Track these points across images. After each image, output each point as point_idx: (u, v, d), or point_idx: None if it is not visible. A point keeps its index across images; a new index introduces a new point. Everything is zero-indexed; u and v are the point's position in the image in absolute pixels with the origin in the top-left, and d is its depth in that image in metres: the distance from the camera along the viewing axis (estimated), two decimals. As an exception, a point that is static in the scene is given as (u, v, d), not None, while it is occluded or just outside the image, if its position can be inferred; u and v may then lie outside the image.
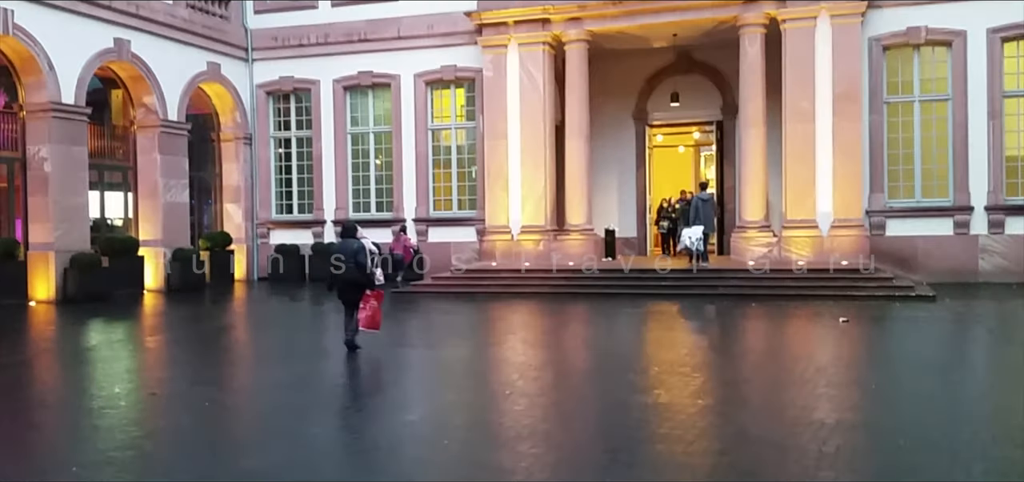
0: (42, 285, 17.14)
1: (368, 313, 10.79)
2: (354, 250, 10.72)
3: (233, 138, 22.68)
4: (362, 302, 10.76)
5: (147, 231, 19.83)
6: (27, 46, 16.67)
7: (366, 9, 21.96)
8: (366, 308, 10.78)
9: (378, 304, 10.92)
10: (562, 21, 19.84)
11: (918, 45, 18.64)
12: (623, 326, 13.91)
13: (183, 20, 20.55)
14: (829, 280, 16.77)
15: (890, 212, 18.79)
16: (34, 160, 17.21)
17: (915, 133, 18.80)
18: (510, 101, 20.32)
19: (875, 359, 10.99)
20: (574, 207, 20.14)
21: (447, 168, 21.96)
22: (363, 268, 10.67)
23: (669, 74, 22.23)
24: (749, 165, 19.01)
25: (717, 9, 18.87)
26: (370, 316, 10.81)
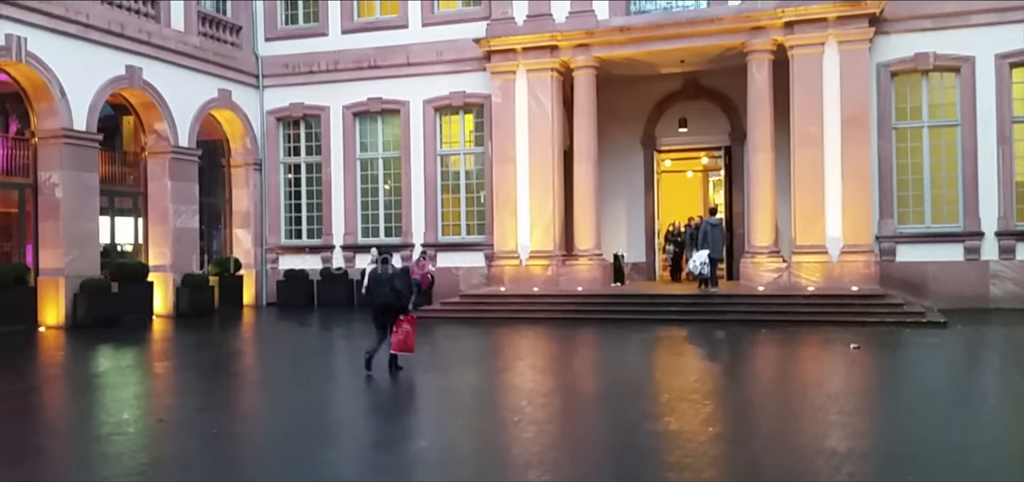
0: (52, 310, 17.19)
1: (401, 336, 11.06)
2: (390, 275, 11.15)
3: (243, 164, 22.80)
4: (396, 325, 11.05)
5: (157, 256, 19.90)
6: (40, 73, 16.83)
7: (376, 36, 22.14)
8: (399, 331, 11.05)
9: (411, 328, 11.18)
10: (570, 48, 19.94)
11: (926, 71, 18.64)
12: (632, 352, 13.85)
13: (195, 47, 20.73)
14: (839, 306, 16.69)
15: (900, 237, 18.72)
16: (45, 186, 17.32)
17: (924, 158, 18.76)
18: (519, 127, 20.39)
19: (887, 386, 10.91)
20: (583, 232, 20.14)
21: (456, 193, 22.01)
22: (398, 293, 11.06)
23: (677, 100, 22.31)
24: (758, 190, 19.00)
25: (724, 36, 18.93)
26: (403, 339, 11.07)
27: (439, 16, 21.77)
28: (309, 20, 23.05)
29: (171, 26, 20.11)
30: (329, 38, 22.62)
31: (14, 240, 17.70)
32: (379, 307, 11.19)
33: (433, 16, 21.78)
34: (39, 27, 16.72)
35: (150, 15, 19.63)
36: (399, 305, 11.09)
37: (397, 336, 11.04)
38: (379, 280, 11.24)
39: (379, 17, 22.44)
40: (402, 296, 11.15)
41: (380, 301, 11.16)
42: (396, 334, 11.04)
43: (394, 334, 11.05)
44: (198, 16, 21.00)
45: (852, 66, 18.25)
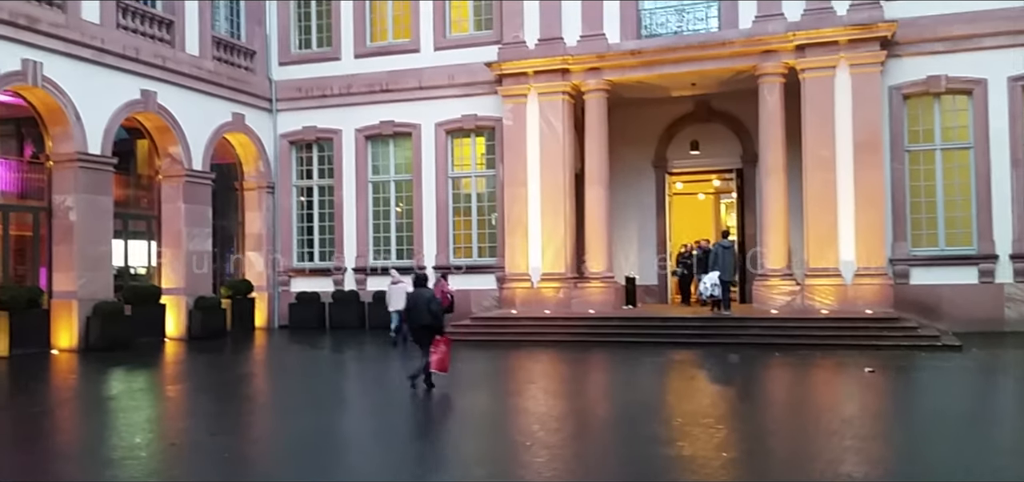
0: (65, 333, 17.26)
1: (438, 356, 11.64)
2: (427, 299, 11.72)
3: (256, 187, 22.92)
4: (433, 346, 11.62)
5: (170, 279, 19.99)
6: (55, 97, 16.99)
7: (388, 61, 22.29)
8: (436, 352, 11.64)
9: (447, 348, 11.75)
10: (581, 71, 20.00)
11: (938, 93, 18.60)
12: (645, 375, 13.78)
13: (209, 72, 20.91)
14: (853, 329, 16.59)
15: (913, 260, 18.61)
16: (60, 209, 17.44)
17: (937, 181, 18.68)
18: (530, 149, 20.44)
19: (902, 411, 10.81)
20: (594, 255, 20.11)
21: (467, 216, 22.04)
22: (436, 315, 11.65)
23: (688, 122, 22.33)
24: (770, 213, 18.95)
25: (735, 59, 18.96)
26: (440, 359, 11.65)
27: (451, 40, 21.90)
28: (322, 45, 23.23)
29: (186, 51, 20.30)
30: (342, 62, 22.79)
31: (28, 263, 17.81)
32: (417, 328, 11.78)
33: (445, 40, 21.91)
34: (55, 52, 16.90)
35: (165, 40, 19.82)
36: (436, 326, 11.67)
37: (434, 356, 11.62)
38: (417, 303, 11.78)
39: (391, 41, 22.59)
40: (439, 318, 11.72)
41: (418, 323, 11.74)
42: (433, 355, 11.62)
43: (432, 354, 11.64)
44: (213, 41, 21.19)
45: (864, 89, 18.22)
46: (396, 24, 22.66)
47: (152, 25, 19.50)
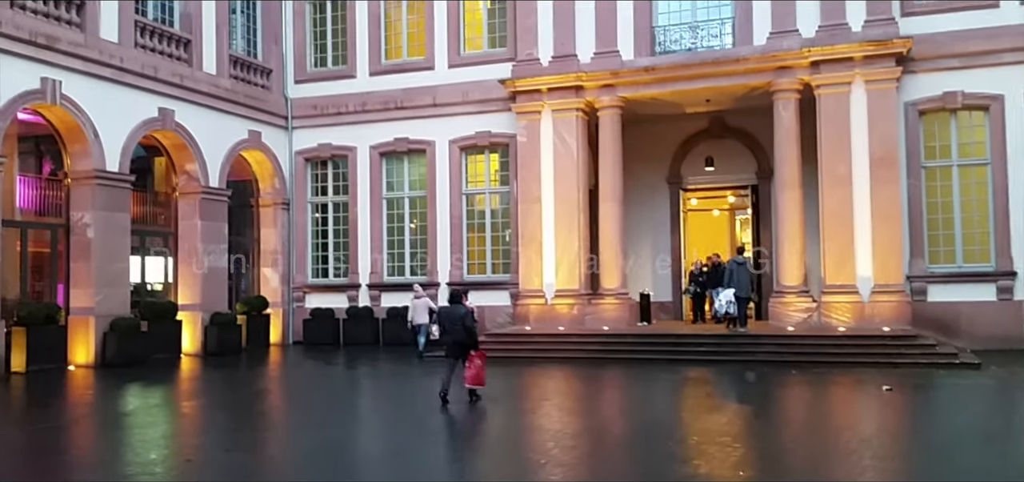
0: (82, 349, 17.37)
1: (473, 371, 12.00)
2: (461, 315, 12.09)
3: (272, 204, 23.04)
4: (467, 361, 12.01)
5: (186, 296, 20.10)
6: (73, 115, 17.16)
7: (403, 78, 22.41)
8: (471, 366, 12.00)
9: (482, 363, 12.10)
10: (595, 88, 20.03)
11: (955, 110, 18.50)
12: (660, 393, 13.72)
13: (226, 90, 21.08)
14: (871, 346, 16.46)
15: (931, 277, 18.47)
16: (77, 226, 17.58)
17: (954, 198, 18.55)
18: (544, 166, 20.47)
19: (921, 429, 10.71)
20: (608, 271, 20.07)
21: (481, 232, 22.07)
22: (470, 331, 12.03)
23: (703, 138, 22.31)
24: (786, 229, 18.86)
25: (750, 76, 18.94)
26: (475, 374, 12.01)
27: (465, 58, 21.99)
28: (338, 63, 23.39)
29: (203, 69, 20.48)
30: (357, 80, 22.93)
31: (46, 279, 17.96)
32: (453, 343, 12.11)
33: (459, 58, 22.01)
34: (74, 70, 17.08)
35: (183, 59, 20.01)
36: (471, 342, 12.01)
37: (470, 371, 11.99)
38: (452, 319, 12.16)
39: (406, 59, 22.72)
40: (473, 333, 12.07)
41: (453, 338, 12.10)
42: (469, 369, 11.99)
43: (467, 369, 12.00)
44: (230, 59, 21.37)
45: (880, 105, 18.15)
46: (411, 42, 22.80)
47: (170, 44, 19.69)
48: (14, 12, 15.98)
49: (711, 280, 20.34)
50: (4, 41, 15.70)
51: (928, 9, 18.55)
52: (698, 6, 19.95)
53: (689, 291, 21.37)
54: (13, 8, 16.00)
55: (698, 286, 20.91)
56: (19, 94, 16.05)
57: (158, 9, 19.82)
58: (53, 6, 16.86)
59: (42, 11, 16.62)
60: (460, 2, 22.15)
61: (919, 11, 18.58)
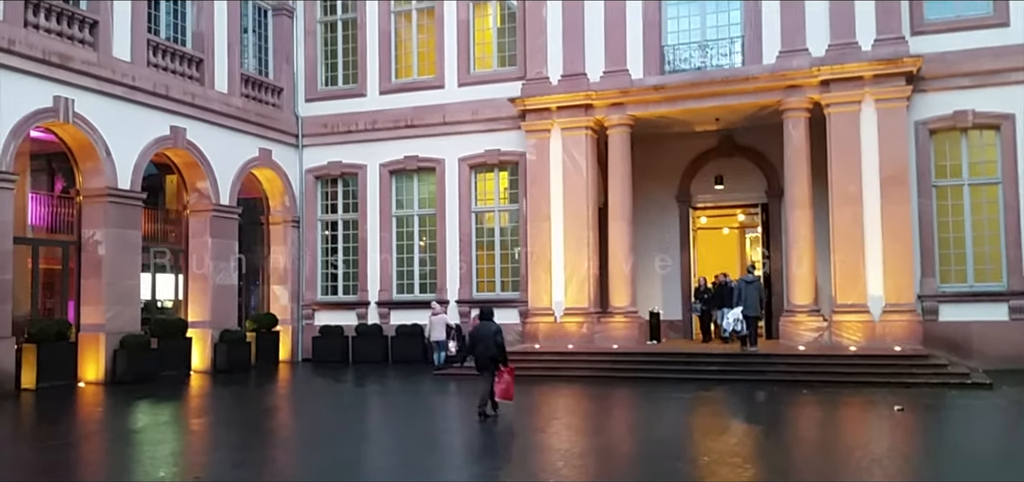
0: (92, 366, 17.42)
1: (503, 386, 12.30)
2: (492, 332, 12.45)
3: (282, 221, 23.12)
4: (497, 376, 12.31)
5: (196, 313, 20.16)
6: (86, 133, 17.28)
7: (413, 97, 22.50)
8: (501, 381, 12.30)
9: (511, 378, 12.39)
10: (605, 106, 20.07)
11: (965, 129, 18.45)
12: (670, 412, 13.65)
13: (237, 109, 21.21)
14: (882, 366, 16.37)
15: (942, 297, 18.36)
16: (89, 243, 17.67)
17: (965, 217, 18.47)
18: (553, 184, 20.49)
19: (932, 450, 10.63)
20: (618, 289, 20.04)
21: (490, 250, 22.08)
22: (501, 347, 12.38)
23: (712, 157, 22.31)
24: (796, 248, 18.80)
25: (759, 94, 18.94)
26: (505, 389, 12.30)
27: (475, 76, 22.09)
28: (348, 82, 23.52)
29: (215, 88, 20.62)
30: (367, 98, 23.04)
31: (57, 296, 18.05)
32: (484, 359, 12.41)
33: (469, 76, 22.11)
34: (86, 89, 17.21)
35: (195, 78, 20.15)
36: (501, 357, 12.33)
37: (500, 386, 12.29)
38: (483, 335, 12.49)
39: (416, 78, 22.82)
40: (503, 349, 12.41)
41: (484, 354, 12.41)
42: (499, 384, 12.30)
43: (497, 384, 12.30)
44: (241, 78, 21.52)
45: (890, 124, 18.12)
46: (421, 61, 22.92)
47: (182, 63, 19.84)
48: (28, 31, 16.14)
49: (716, 299, 20.25)
50: (18, 60, 15.85)
51: (938, 28, 18.53)
52: (707, 25, 19.98)
53: (696, 309, 21.28)
54: (27, 27, 16.16)
55: (703, 304, 20.78)
56: (32, 112, 16.19)
57: (170, 28, 19.98)
58: (66, 25, 17.02)
59: (56, 30, 16.78)
60: (470, 21, 22.27)
61: (929, 30, 18.56)
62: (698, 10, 20.06)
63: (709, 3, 19.99)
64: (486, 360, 12.43)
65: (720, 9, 19.92)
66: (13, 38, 15.74)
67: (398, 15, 23.29)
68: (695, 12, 20.09)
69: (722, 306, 19.89)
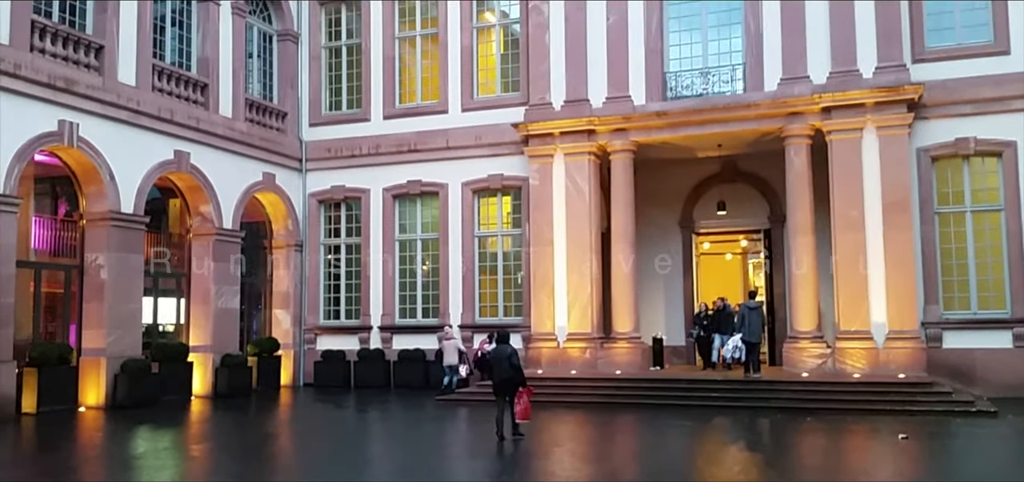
0: (93, 391, 17.37)
1: (522, 407, 12.55)
2: (508, 354, 12.73)
3: (284, 245, 23.13)
4: (516, 398, 12.54)
5: (197, 337, 20.12)
6: (90, 157, 17.33)
7: (416, 121, 22.58)
8: (520, 403, 12.55)
9: (529, 399, 12.68)
10: (607, 132, 20.12)
11: (967, 156, 18.47)
12: (673, 439, 13.58)
13: (241, 133, 21.28)
14: (886, 394, 16.31)
15: (946, 324, 18.30)
16: (91, 267, 17.67)
17: (968, 244, 18.44)
18: (556, 209, 20.50)
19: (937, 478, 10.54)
20: (621, 315, 20.00)
21: (493, 274, 22.07)
22: (518, 369, 12.67)
23: (715, 183, 22.34)
24: (799, 274, 18.76)
25: (761, 121, 18.99)
26: (523, 409, 12.55)
27: (478, 102, 22.17)
28: (352, 106, 23.61)
29: (219, 112, 20.70)
30: (371, 123, 23.12)
31: (58, 320, 18.03)
32: (501, 381, 12.64)
33: (472, 102, 22.19)
34: (91, 113, 17.27)
35: (199, 102, 20.24)
36: (518, 379, 12.59)
37: (519, 406, 12.54)
38: (500, 358, 12.74)
39: (420, 103, 22.92)
40: (520, 371, 12.73)
41: (502, 376, 12.64)
42: (518, 405, 12.55)
43: (516, 405, 12.54)
44: (246, 103, 21.61)
45: (892, 151, 18.14)
46: (425, 86, 23.02)
47: (187, 88, 19.93)
48: (33, 56, 16.24)
49: (715, 324, 20.15)
50: (23, 84, 15.93)
51: (939, 56, 18.59)
52: (709, 52, 20.07)
53: (694, 335, 21.10)
54: (33, 52, 16.26)
55: (702, 330, 20.63)
56: (37, 136, 16.25)
57: (175, 54, 20.10)
58: (72, 50, 17.12)
59: (61, 55, 16.88)
60: (474, 47, 22.39)
61: (930, 58, 18.62)
62: (700, 37, 20.16)
63: (711, 30, 20.09)
64: (502, 382, 12.65)
65: (722, 36, 20.02)
66: (19, 62, 15.83)
67: (402, 41, 23.42)
68: (697, 39, 20.19)
69: (720, 331, 19.82)
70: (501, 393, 12.73)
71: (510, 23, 22.46)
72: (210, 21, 20.59)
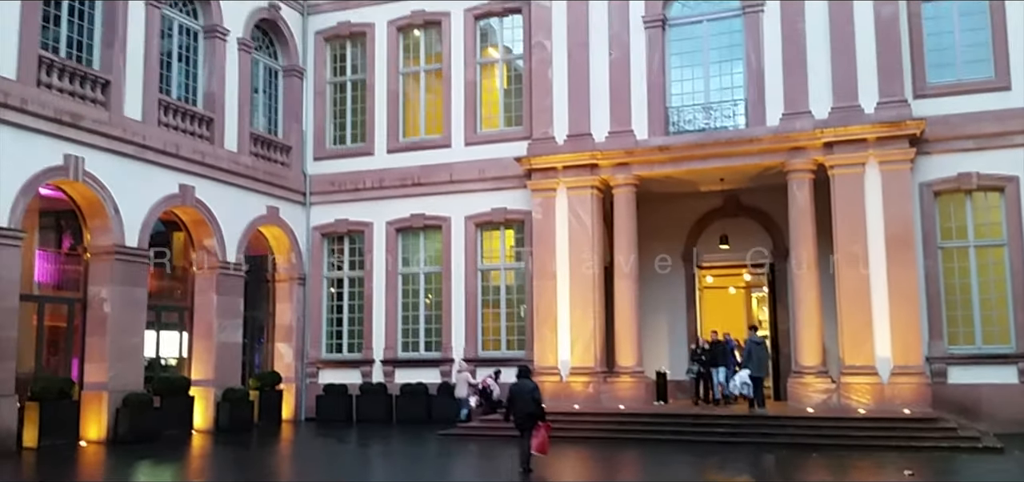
0: (94, 425, 17.29)
1: (540, 440, 12.73)
2: (529, 389, 12.94)
3: (288, 278, 23.12)
4: (535, 431, 12.72)
5: (199, 371, 20.06)
6: (95, 191, 17.38)
7: (420, 156, 22.67)
8: (538, 436, 12.71)
9: (547, 433, 12.84)
10: (610, 166, 20.19)
11: (970, 191, 18.50)
12: (679, 475, 13.48)
13: (246, 167, 21.36)
14: (891, 429, 16.19)
15: (951, 359, 18.22)
16: (95, 301, 17.65)
17: (972, 278, 18.42)
18: (559, 242, 20.51)
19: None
20: (624, 348, 19.94)
21: (496, 308, 22.04)
22: (538, 403, 12.85)
23: (718, 217, 22.36)
24: (803, 309, 18.72)
25: (764, 156, 19.05)
26: (541, 443, 12.73)
27: (481, 136, 22.28)
28: (356, 140, 23.73)
29: (224, 147, 20.79)
30: (375, 157, 23.21)
31: (61, 354, 17.98)
32: (523, 416, 12.81)
33: (476, 136, 22.30)
34: (97, 147, 17.35)
35: (205, 136, 20.34)
36: (539, 413, 12.75)
37: (536, 440, 12.70)
38: (521, 393, 12.91)
39: (424, 137, 23.03)
40: (540, 405, 12.88)
41: (522, 411, 12.82)
42: (536, 438, 12.70)
43: (534, 438, 12.69)
44: (251, 137, 21.71)
45: (894, 186, 18.17)
46: (428, 120, 23.15)
47: (193, 122, 20.05)
48: (40, 91, 16.35)
49: (712, 359, 20.02)
50: (30, 119, 16.00)
51: (940, 91, 18.67)
52: (711, 87, 20.19)
53: (691, 371, 20.73)
54: (40, 87, 16.37)
55: (700, 365, 20.42)
56: (42, 170, 16.31)
57: (182, 89, 20.24)
58: (79, 85, 17.24)
59: (68, 90, 16.99)
60: (477, 82, 22.54)
61: (931, 93, 18.70)
62: (701, 73, 20.27)
63: (712, 65, 20.22)
64: (524, 417, 12.81)
65: (723, 72, 20.14)
66: (26, 97, 15.94)
67: (406, 76, 23.59)
68: (698, 75, 20.30)
69: (717, 365, 19.70)
70: (523, 428, 12.87)
71: (513, 59, 22.62)
72: (216, 57, 20.76)
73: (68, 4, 17.45)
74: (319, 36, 24.09)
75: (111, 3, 18.00)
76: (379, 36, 23.49)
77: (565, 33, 20.92)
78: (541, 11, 21.19)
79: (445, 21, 22.86)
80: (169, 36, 19.97)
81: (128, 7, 18.25)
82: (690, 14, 20.51)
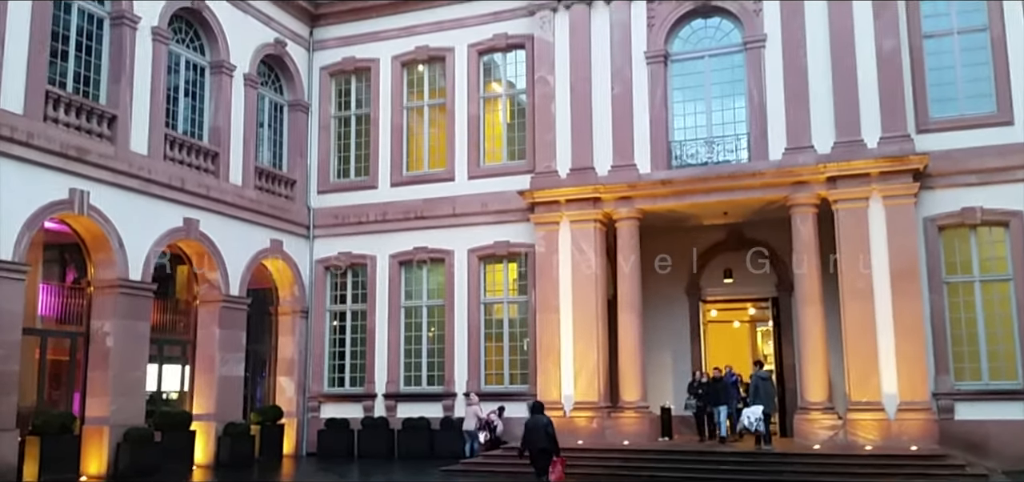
0: (95, 460, 17.19)
1: (556, 476, 12.88)
2: (544, 424, 13.09)
3: (290, 312, 23.08)
4: (550, 467, 12.89)
5: (201, 405, 19.97)
6: (100, 225, 17.40)
7: (423, 189, 22.72)
8: (554, 471, 12.88)
9: (562, 468, 12.98)
10: (613, 200, 20.20)
11: (974, 225, 18.45)
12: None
13: (250, 200, 21.41)
14: (899, 466, 16.06)
15: (957, 395, 18.07)
16: (97, 335, 17.60)
17: (977, 313, 18.31)
18: (562, 276, 20.47)
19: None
20: (628, 383, 19.82)
21: (499, 342, 21.96)
22: (553, 438, 13.01)
23: (721, 250, 22.32)
24: (809, 344, 18.62)
25: (767, 190, 19.06)
26: (557, 479, 12.87)
27: (485, 169, 22.33)
28: (360, 174, 23.78)
29: (229, 180, 20.85)
30: (378, 190, 23.25)
31: (63, 388, 17.91)
32: (537, 451, 12.99)
33: (479, 169, 22.35)
34: (102, 182, 17.40)
35: (210, 170, 20.41)
36: (553, 448, 12.94)
37: (552, 476, 12.86)
38: (536, 428, 13.07)
39: (427, 170, 23.09)
40: (554, 440, 13.05)
41: (537, 445, 12.98)
42: (552, 473, 12.87)
43: (550, 473, 12.85)
44: (255, 171, 21.78)
45: (898, 221, 18.13)
46: (432, 154, 23.22)
47: (198, 156, 20.12)
48: (46, 125, 16.43)
49: (711, 395, 19.78)
50: (36, 153, 16.07)
51: (943, 126, 18.67)
52: (714, 122, 20.24)
53: (689, 407, 20.34)
54: (46, 121, 16.46)
55: (699, 400, 20.08)
56: (47, 204, 16.35)
57: (187, 123, 20.34)
58: (85, 120, 17.33)
59: (74, 124, 17.08)
60: (480, 116, 22.65)
61: (934, 128, 18.71)
62: (704, 107, 20.36)
63: (715, 101, 20.30)
64: (537, 451, 12.96)
65: (725, 106, 20.20)
66: (32, 132, 16.01)
67: (410, 111, 23.71)
68: (701, 109, 20.38)
69: (718, 403, 19.45)
70: (538, 464, 12.98)
71: (516, 93, 22.73)
72: (222, 92, 20.89)
73: (76, 39, 17.60)
74: (324, 71, 24.25)
75: (119, 39, 18.15)
76: (383, 71, 23.64)
77: (568, 68, 21.04)
78: (544, 46, 21.32)
79: (449, 56, 23.02)
80: (176, 71, 20.10)
81: (136, 42, 18.40)
82: (692, 50, 20.63)
